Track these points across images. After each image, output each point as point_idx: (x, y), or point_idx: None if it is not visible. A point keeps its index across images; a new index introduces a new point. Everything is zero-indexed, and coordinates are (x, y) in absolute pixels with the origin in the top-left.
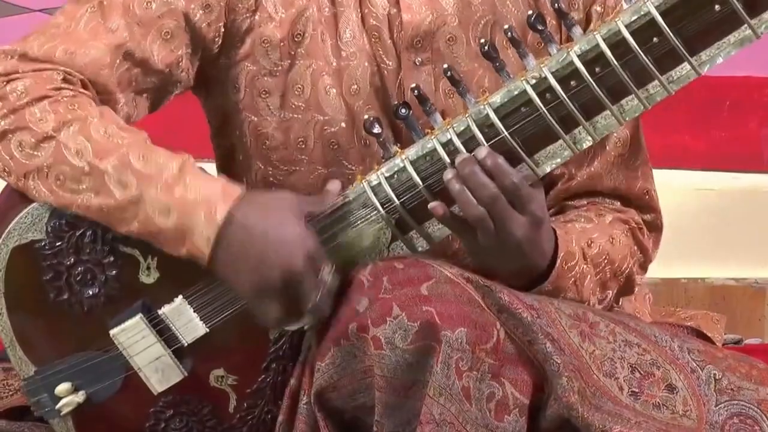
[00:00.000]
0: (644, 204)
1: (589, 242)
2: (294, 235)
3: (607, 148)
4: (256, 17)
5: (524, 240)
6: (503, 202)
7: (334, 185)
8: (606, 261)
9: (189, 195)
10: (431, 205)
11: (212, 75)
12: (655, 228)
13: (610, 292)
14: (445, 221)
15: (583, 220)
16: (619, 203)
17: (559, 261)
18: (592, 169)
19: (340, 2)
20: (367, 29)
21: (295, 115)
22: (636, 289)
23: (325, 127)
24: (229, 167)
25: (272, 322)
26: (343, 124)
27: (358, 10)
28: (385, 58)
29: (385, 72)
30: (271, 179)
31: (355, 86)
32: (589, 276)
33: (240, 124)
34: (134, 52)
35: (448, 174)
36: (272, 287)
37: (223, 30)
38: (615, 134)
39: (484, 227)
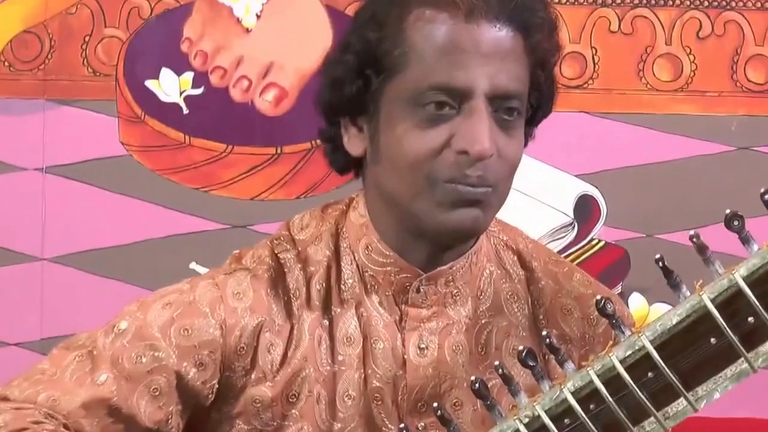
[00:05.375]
0: None
1: None
2: None
3: None
4: (252, 376)
5: None
6: None
7: None
8: None
9: None
10: None
11: (201, 427)
12: None
13: None
14: None
15: None
16: None
17: None
18: None
19: (341, 361)
20: (369, 391)
21: None
22: None
23: None
24: None
25: None
26: None
27: (361, 371)
28: (387, 422)
29: None
30: None
31: None
32: None
33: None
34: (121, 408)
35: None
36: None
37: (217, 387)
38: None
39: None
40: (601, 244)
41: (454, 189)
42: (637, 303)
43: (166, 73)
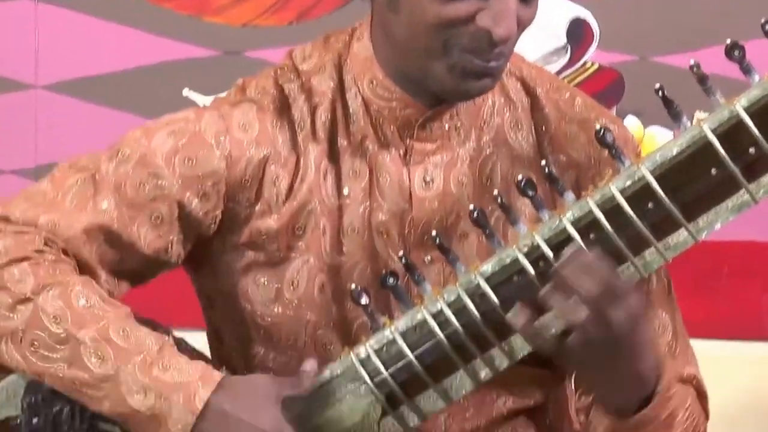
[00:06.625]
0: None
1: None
2: (269, 423)
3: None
4: (256, 208)
5: (626, 335)
6: (605, 299)
7: (310, 365)
8: (689, 417)
9: (167, 377)
10: (509, 316)
11: (203, 256)
12: (705, 414)
13: None
14: (532, 338)
15: None
16: None
17: (662, 383)
18: None
19: (347, 195)
20: (374, 225)
21: (288, 312)
22: None
23: (318, 329)
24: (219, 344)
25: None
26: (333, 325)
27: (366, 204)
28: (393, 255)
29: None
30: (270, 364)
31: (352, 286)
32: (678, 417)
33: (233, 309)
34: (120, 235)
35: (543, 290)
36: None
37: (220, 218)
38: (658, 321)
39: (588, 331)
40: (595, 67)
41: (469, 60)
42: (632, 126)
43: None
